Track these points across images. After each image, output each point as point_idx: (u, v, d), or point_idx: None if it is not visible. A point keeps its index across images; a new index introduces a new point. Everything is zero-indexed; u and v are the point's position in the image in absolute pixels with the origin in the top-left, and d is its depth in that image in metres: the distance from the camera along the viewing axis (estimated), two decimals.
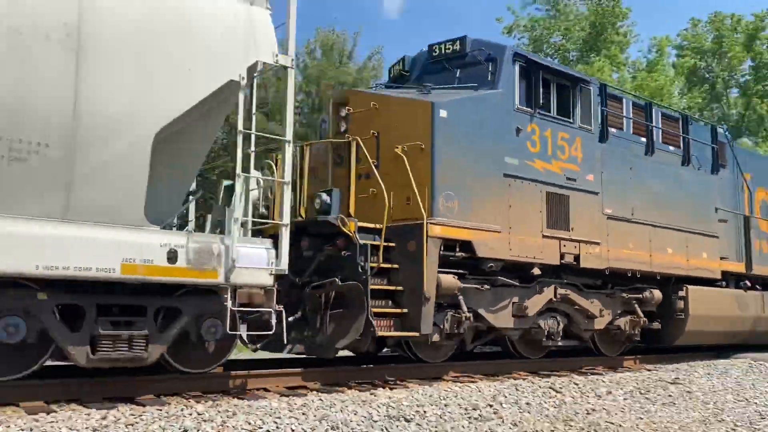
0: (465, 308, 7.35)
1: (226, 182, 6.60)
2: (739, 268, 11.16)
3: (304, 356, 7.28)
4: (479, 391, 6.44)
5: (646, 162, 9.77)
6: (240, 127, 5.79)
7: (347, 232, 6.62)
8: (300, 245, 6.87)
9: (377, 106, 7.55)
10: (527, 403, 6.13)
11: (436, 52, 8.76)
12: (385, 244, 6.88)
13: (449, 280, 7.18)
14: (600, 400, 6.63)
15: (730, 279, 11.05)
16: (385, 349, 9.08)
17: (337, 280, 6.54)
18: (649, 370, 9.04)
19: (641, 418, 6.06)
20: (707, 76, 36.19)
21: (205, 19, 5.76)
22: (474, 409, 5.74)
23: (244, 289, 5.84)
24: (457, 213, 7.29)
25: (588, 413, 6.04)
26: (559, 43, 30.08)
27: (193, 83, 5.56)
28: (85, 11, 5.09)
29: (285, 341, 6.23)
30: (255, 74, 6.17)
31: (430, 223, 6.94)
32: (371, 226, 6.84)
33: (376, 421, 5.10)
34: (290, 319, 6.44)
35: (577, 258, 8.49)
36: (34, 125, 4.89)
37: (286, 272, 6.05)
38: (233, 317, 5.68)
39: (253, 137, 6.35)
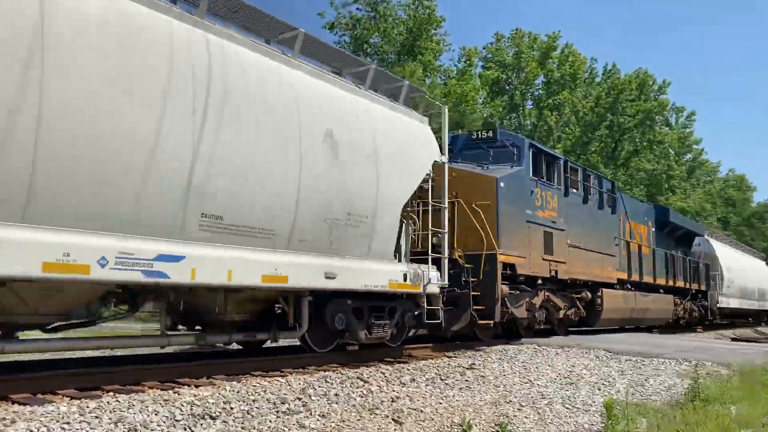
0: (508, 305, 11.10)
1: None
2: (624, 276, 16.14)
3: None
4: (288, 385, 6.42)
5: (583, 208, 14.37)
6: (429, 199, 9.52)
7: (457, 258, 10.29)
8: None
9: (455, 176, 10.44)
10: (336, 394, 6.22)
11: (474, 136, 12.90)
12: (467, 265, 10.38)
13: (505, 288, 11.06)
14: (404, 387, 6.93)
15: (620, 283, 15.92)
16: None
17: (456, 289, 10.12)
18: (449, 357, 9.63)
19: (440, 403, 6.43)
20: (507, 87, 39.61)
21: (417, 138, 9.39)
22: (282, 402, 5.70)
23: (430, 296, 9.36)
24: (505, 246, 11.10)
25: (393, 401, 6.28)
26: (379, 44, 31.02)
27: (414, 177, 9.15)
28: (378, 145, 8.44)
29: (443, 325, 9.69)
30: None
31: (499, 254, 10.79)
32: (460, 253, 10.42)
33: (178, 421, 4.85)
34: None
35: (555, 272, 12.70)
36: (365, 206, 8.14)
37: (447, 286, 9.66)
38: (424, 312, 9.28)
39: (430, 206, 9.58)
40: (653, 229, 19.39)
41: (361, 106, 8.39)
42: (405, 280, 8.77)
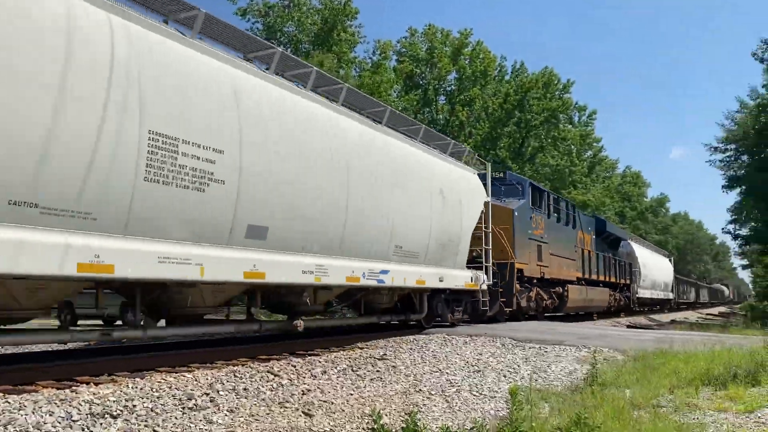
0: (518, 298, 16.01)
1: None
2: (580, 275, 22.01)
3: None
4: (196, 381, 6.24)
5: (557, 226, 19.79)
6: (482, 226, 13.77)
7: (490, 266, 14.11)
8: None
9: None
10: (245, 389, 6.11)
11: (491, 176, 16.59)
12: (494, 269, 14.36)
13: (518, 286, 15.93)
14: (315, 380, 6.90)
15: (578, 280, 21.54)
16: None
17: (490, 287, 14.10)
18: (361, 348, 9.68)
19: (351, 394, 6.44)
20: (421, 82, 40.12)
21: (476, 186, 13.59)
22: (189, 399, 5.53)
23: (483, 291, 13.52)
24: (518, 257, 15.94)
25: (303, 393, 6.23)
26: (293, 33, 30.60)
27: (476, 213, 13.31)
28: (461, 194, 12.73)
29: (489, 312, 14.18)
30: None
31: (516, 262, 15.68)
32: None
33: (75, 421, 4.61)
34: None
35: (543, 274, 17.99)
36: (455, 233, 12.38)
37: (491, 285, 14.02)
38: (480, 301, 13.54)
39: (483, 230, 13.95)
40: (594, 237, 25.07)
41: (453, 171, 12.80)
42: (471, 281, 13.03)
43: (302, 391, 6.33)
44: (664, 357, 9.04)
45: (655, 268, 35.44)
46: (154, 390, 5.65)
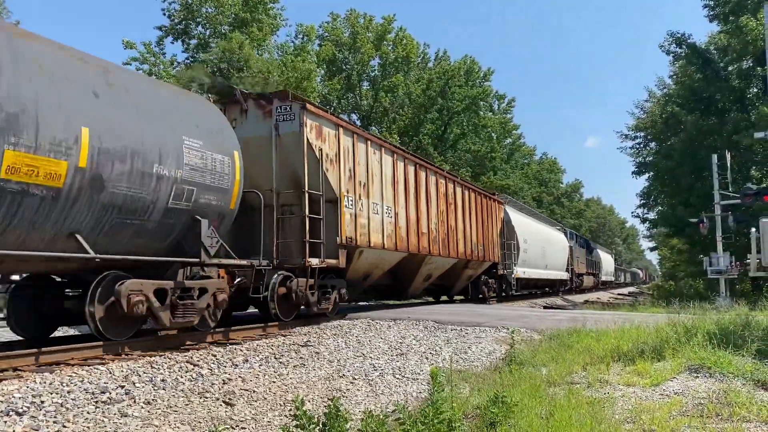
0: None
1: None
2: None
3: None
4: (110, 373, 5.99)
5: (581, 251, 38.99)
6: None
7: None
8: None
9: None
10: (162, 380, 5.92)
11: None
12: None
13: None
14: (237, 369, 6.77)
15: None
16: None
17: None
18: (284, 336, 9.57)
19: (274, 382, 6.37)
20: (344, 67, 39.90)
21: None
22: (103, 392, 5.31)
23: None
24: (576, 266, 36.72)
25: (224, 383, 6.11)
26: (212, 15, 29.68)
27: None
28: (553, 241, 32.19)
29: None
30: None
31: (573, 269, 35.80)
32: None
33: None
34: None
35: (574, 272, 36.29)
36: (559, 262, 32.98)
37: None
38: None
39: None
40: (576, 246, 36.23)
41: (553, 232, 30.69)
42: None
43: (223, 380, 6.20)
44: (577, 336, 9.44)
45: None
46: (64, 384, 5.39)
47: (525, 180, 54.35)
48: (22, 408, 4.68)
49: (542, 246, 28.65)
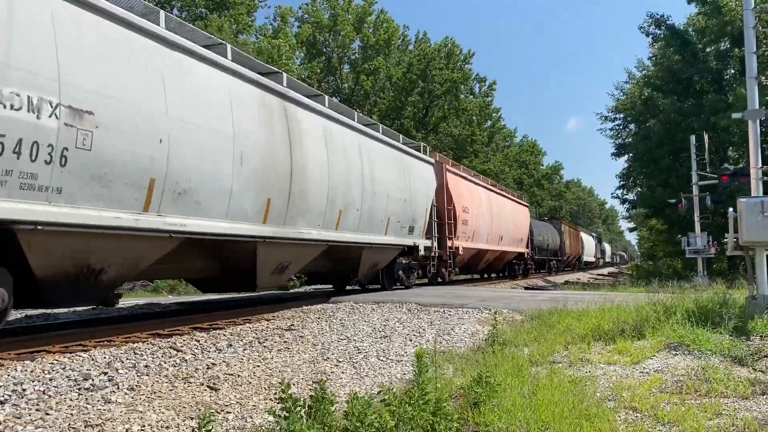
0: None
1: None
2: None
3: None
4: (93, 360, 5.95)
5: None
6: None
7: None
8: None
9: None
10: (146, 366, 5.89)
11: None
12: None
13: None
14: (220, 353, 6.76)
15: None
16: None
17: None
18: (268, 320, 9.57)
19: (258, 366, 6.37)
20: (324, 50, 39.58)
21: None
22: (85, 379, 5.27)
23: None
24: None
25: (208, 368, 6.09)
26: None
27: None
28: None
29: None
30: None
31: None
32: None
33: None
34: None
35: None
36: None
37: None
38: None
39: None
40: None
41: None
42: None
43: (207, 365, 6.18)
44: (559, 316, 9.54)
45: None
46: (46, 372, 5.34)
47: (506, 163, 54.57)
48: (3, 396, 4.63)
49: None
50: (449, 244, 19.00)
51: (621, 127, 40.41)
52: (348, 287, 16.16)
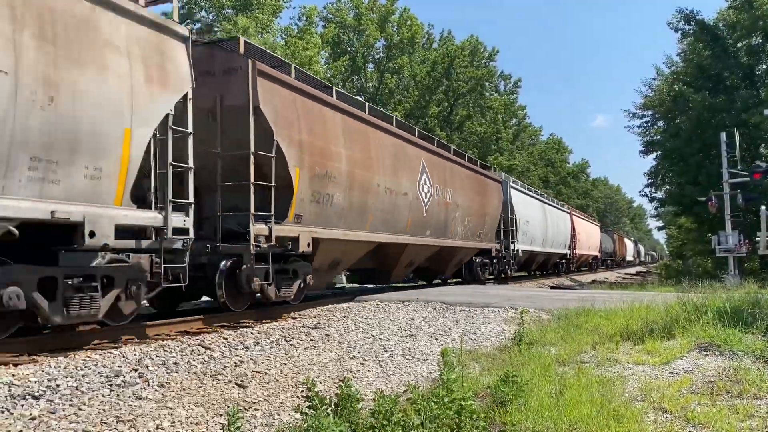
0: None
1: None
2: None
3: None
4: (123, 357, 6.06)
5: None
6: None
7: None
8: None
9: None
10: (175, 363, 5.98)
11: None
12: None
13: None
14: (248, 351, 6.83)
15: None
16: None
17: None
18: (294, 319, 9.64)
19: (285, 364, 6.42)
20: (349, 49, 39.69)
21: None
22: (117, 375, 5.37)
23: None
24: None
25: (236, 365, 6.16)
26: None
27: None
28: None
29: None
30: None
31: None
32: None
33: None
34: None
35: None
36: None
37: None
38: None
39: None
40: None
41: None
42: None
43: (235, 363, 6.25)
44: (586, 315, 9.45)
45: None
46: (78, 368, 5.46)
47: (531, 161, 54.14)
48: (38, 392, 4.74)
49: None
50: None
51: (649, 124, 39.79)
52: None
